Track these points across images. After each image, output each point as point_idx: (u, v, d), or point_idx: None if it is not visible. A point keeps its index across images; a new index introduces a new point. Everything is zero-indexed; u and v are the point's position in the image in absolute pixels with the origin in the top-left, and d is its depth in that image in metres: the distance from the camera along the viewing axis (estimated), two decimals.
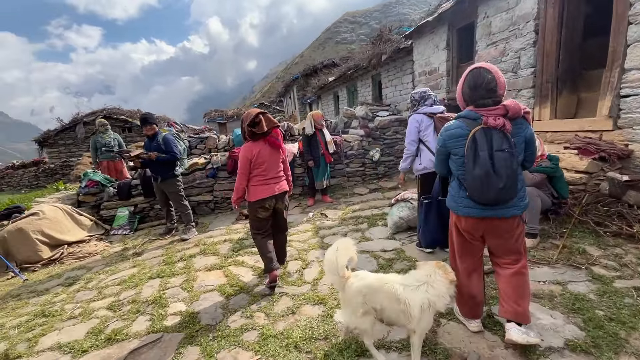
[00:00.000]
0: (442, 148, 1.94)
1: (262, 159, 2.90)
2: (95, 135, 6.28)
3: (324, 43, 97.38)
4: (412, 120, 3.18)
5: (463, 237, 1.98)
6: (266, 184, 2.94)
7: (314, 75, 19.20)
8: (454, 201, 1.93)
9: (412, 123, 3.19)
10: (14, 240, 3.94)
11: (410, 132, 3.20)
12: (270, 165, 2.95)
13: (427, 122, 3.13)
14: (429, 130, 3.13)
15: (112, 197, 5.25)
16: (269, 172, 2.95)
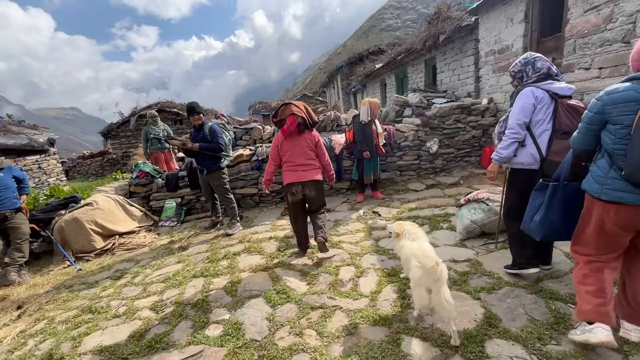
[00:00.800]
0: (597, 115, 1.60)
1: (286, 147, 3.18)
2: (146, 127, 6.40)
3: (367, 31, 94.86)
4: (528, 94, 2.22)
5: (603, 228, 1.67)
6: (294, 170, 3.18)
7: (359, 64, 18.45)
8: (600, 182, 1.62)
9: (526, 97, 2.23)
10: (70, 230, 4.02)
11: (522, 109, 2.23)
12: (296, 153, 3.16)
13: (547, 103, 2.19)
14: (546, 116, 2.19)
15: (161, 189, 5.25)
16: (296, 160, 3.16)
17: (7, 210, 3.77)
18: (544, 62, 2.25)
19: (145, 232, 4.73)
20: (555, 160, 2.05)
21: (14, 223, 3.75)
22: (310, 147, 3.20)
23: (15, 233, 3.72)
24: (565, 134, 2.08)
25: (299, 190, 3.17)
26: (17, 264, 3.62)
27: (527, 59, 2.31)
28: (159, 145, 6.27)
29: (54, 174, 10.79)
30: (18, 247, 3.66)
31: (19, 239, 3.70)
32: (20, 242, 3.69)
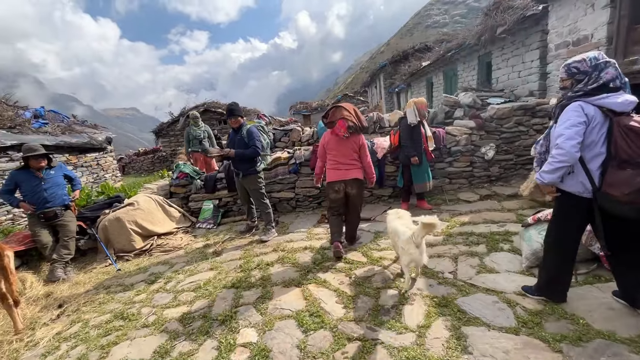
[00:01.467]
0: None
1: (331, 146, 3.36)
2: (188, 128, 6.51)
3: (412, 29, 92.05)
4: (577, 110, 1.84)
5: None
6: (337, 169, 3.35)
7: (403, 62, 17.69)
8: None
9: (576, 114, 1.84)
10: (113, 229, 4.12)
11: (574, 128, 1.82)
12: (340, 152, 3.33)
13: (599, 122, 1.82)
14: (599, 137, 1.82)
15: (199, 190, 5.26)
16: (339, 159, 3.33)
17: (57, 207, 3.94)
18: (613, 72, 1.82)
19: (183, 233, 4.74)
20: (614, 194, 1.75)
21: (63, 220, 3.90)
22: (354, 149, 3.33)
23: (64, 230, 3.87)
24: (625, 163, 1.73)
25: (341, 188, 3.33)
26: (63, 260, 3.75)
27: (598, 60, 1.85)
28: (199, 146, 6.35)
29: (110, 170, 11.60)
30: (65, 245, 3.79)
31: (66, 236, 3.84)
32: (68, 240, 3.82)
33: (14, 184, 3.77)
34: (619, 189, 1.71)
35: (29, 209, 3.73)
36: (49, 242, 3.73)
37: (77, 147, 9.89)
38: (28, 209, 3.73)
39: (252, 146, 3.98)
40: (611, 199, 1.75)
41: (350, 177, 3.31)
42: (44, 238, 3.73)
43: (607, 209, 1.80)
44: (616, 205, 1.75)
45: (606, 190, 1.78)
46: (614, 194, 1.73)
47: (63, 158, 9.40)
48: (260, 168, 4.19)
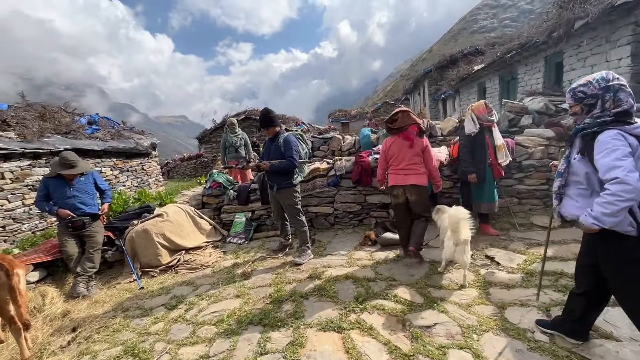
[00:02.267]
0: None
1: (393, 151, 3.31)
2: (225, 135, 6.28)
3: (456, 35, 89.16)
4: (619, 138, 1.56)
5: None
6: (396, 173, 3.30)
7: (450, 67, 16.61)
8: None
9: (621, 143, 1.55)
10: (140, 242, 3.86)
11: (624, 157, 1.52)
12: (401, 157, 3.25)
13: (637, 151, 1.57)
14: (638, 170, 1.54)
15: (232, 201, 4.92)
16: (400, 164, 3.27)
17: (85, 217, 3.77)
18: (628, 95, 1.62)
19: (212, 248, 4.39)
20: None
21: (90, 231, 3.71)
22: (416, 152, 3.22)
23: (90, 241, 3.68)
24: None
25: (401, 194, 3.26)
26: (87, 275, 3.54)
27: (608, 81, 1.65)
28: (235, 154, 6.07)
29: (153, 175, 11.94)
30: (90, 257, 3.59)
31: (92, 247, 3.63)
32: (93, 252, 3.62)
33: (47, 190, 3.66)
34: None
35: (68, 215, 3.55)
36: (74, 253, 3.54)
37: (123, 152, 10.24)
38: (67, 214, 3.56)
39: (288, 157, 3.52)
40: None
41: (409, 183, 3.21)
42: (70, 249, 3.55)
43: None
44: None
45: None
46: None
47: (110, 162, 9.76)
48: (296, 181, 3.72)
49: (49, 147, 7.76)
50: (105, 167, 9.60)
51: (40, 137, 7.90)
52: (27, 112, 8.71)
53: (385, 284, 3.01)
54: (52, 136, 8.31)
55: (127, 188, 10.33)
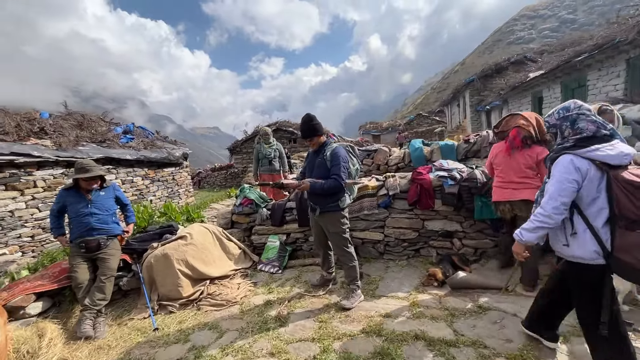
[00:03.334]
0: None
1: (498, 161, 2.98)
2: (258, 145, 5.73)
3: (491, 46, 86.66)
4: (566, 166, 1.65)
5: None
6: (502, 187, 2.94)
7: (495, 76, 15.43)
8: None
9: (563, 170, 1.66)
10: (158, 268, 3.29)
11: (560, 186, 1.66)
12: (507, 168, 2.90)
13: (595, 176, 1.61)
14: (599, 193, 1.61)
15: (265, 221, 4.28)
16: (506, 176, 2.91)
17: (101, 237, 3.27)
18: (590, 122, 1.68)
19: (241, 277, 3.74)
20: (627, 260, 1.52)
21: (104, 253, 3.19)
22: (527, 164, 2.80)
23: (103, 266, 3.15)
24: (634, 223, 1.51)
25: (507, 210, 2.93)
26: (95, 308, 2.98)
27: (568, 110, 1.75)
28: (269, 166, 5.48)
29: (183, 185, 11.74)
30: (101, 286, 3.04)
31: (104, 274, 3.10)
32: (104, 280, 3.08)
33: (63, 204, 3.20)
34: (631, 253, 1.50)
35: (64, 244, 3.14)
36: (84, 281, 3.02)
37: (155, 161, 10.08)
38: (64, 243, 3.17)
39: (335, 175, 2.82)
40: (627, 267, 1.53)
41: (518, 198, 2.81)
42: (80, 275, 3.02)
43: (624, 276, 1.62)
44: (631, 272, 1.55)
45: (619, 256, 1.55)
46: (628, 260, 1.52)
47: (142, 172, 9.61)
48: (344, 204, 3.00)
49: (82, 155, 7.63)
50: (137, 176, 9.44)
51: (75, 146, 7.81)
52: (65, 120, 8.76)
53: (473, 353, 2.17)
54: (87, 145, 8.23)
55: (157, 198, 10.14)
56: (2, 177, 5.95)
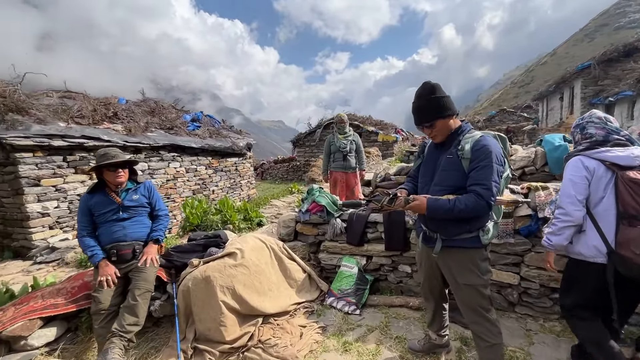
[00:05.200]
0: None
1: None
2: (330, 136, 4.63)
3: (592, 33, 74.28)
4: (576, 164, 1.80)
5: None
6: None
7: (621, 61, 12.14)
8: None
9: (574, 169, 1.80)
10: (197, 296, 2.41)
11: (572, 183, 1.77)
12: None
13: (604, 176, 1.72)
14: (606, 192, 1.71)
15: (338, 236, 3.18)
16: None
17: (136, 242, 2.51)
18: (599, 129, 1.81)
19: (305, 314, 2.71)
20: (627, 255, 1.62)
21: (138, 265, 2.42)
22: None
23: (138, 280, 2.38)
24: (634, 218, 1.62)
25: None
26: (125, 336, 2.21)
27: (581, 120, 1.92)
28: (343, 162, 4.36)
29: (246, 177, 11.38)
30: (132, 306, 2.26)
31: (138, 288, 2.32)
32: (137, 299, 2.29)
33: (89, 213, 2.48)
34: (630, 248, 1.61)
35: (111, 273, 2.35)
36: (106, 307, 2.25)
37: (219, 150, 9.78)
38: (110, 272, 2.35)
39: (479, 187, 1.59)
40: (627, 262, 1.63)
41: None
42: (103, 297, 2.26)
43: (625, 274, 1.66)
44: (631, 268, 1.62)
45: (620, 252, 1.66)
46: (628, 255, 1.62)
47: (206, 160, 9.35)
48: (489, 236, 1.73)
49: (149, 141, 7.45)
50: (201, 165, 9.19)
51: (144, 132, 7.69)
52: (138, 107, 8.80)
53: None
54: (155, 131, 8.10)
55: (219, 188, 9.85)
56: (72, 160, 5.87)
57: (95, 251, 2.40)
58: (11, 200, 5.23)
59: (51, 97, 7.06)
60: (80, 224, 2.48)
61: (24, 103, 5.60)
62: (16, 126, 5.12)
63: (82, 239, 2.45)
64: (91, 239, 2.45)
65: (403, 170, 4.62)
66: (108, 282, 2.31)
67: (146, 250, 2.52)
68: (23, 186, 5.08)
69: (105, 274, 2.33)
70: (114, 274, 2.36)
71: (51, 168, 5.47)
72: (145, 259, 2.46)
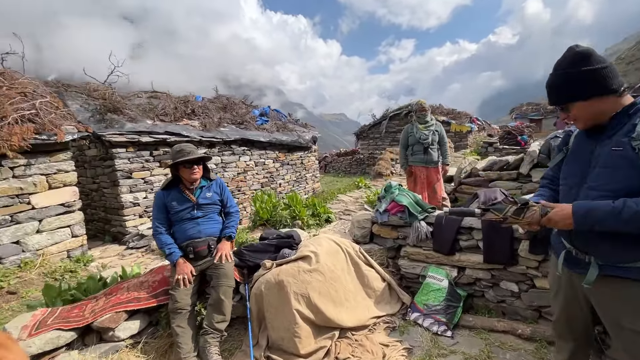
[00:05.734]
0: None
1: None
2: (408, 126, 4.14)
3: None
4: None
5: None
6: None
7: None
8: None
9: None
10: (271, 301, 2.25)
11: None
12: None
13: None
14: None
15: (423, 241, 2.75)
16: None
17: (210, 238, 2.46)
18: None
19: (386, 329, 2.37)
20: None
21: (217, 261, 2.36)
22: None
23: (217, 278, 2.32)
24: None
25: None
26: (218, 333, 2.20)
27: None
28: (424, 155, 3.85)
29: (311, 170, 11.37)
30: (218, 305, 2.23)
31: (219, 285, 2.26)
32: (221, 297, 2.24)
33: (165, 210, 2.47)
34: None
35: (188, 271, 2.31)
36: (181, 305, 2.21)
37: (286, 144, 9.87)
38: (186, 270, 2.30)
39: None
40: None
41: None
42: (180, 296, 2.22)
43: None
44: None
45: None
46: None
47: (273, 154, 9.52)
48: None
49: (222, 136, 7.80)
50: (269, 159, 9.38)
51: (218, 127, 8.07)
52: (212, 103, 9.31)
53: None
54: (227, 126, 8.46)
55: (285, 182, 9.99)
56: (157, 155, 6.36)
57: (173, 249, 2.39)
58: (110, 191, 5.86)
59: (141, 97, 7.79)
60: (157, 220, 2.48)
61: (119, 104, 6.20)
62: (113, 124, 5.69)
63: (159, 236, 2.45)
64: (168, 237, 2.44)
65: (495, 165, 3.93)
66: (184, 281, 2.27)
67: (220, 247, 2.44)
68: (118, 178, 5.63)
69: (182, 273, 2.29)
70: (190, 273, 2.32)
71: (140, 162, 5.97)
72: (220, 254, 2.38)
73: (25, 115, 3.97)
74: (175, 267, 2.33)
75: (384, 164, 9.27)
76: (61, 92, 5.88)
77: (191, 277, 2.31)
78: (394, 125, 20.24)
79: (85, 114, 5.64)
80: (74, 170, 4.64)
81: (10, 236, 3.94)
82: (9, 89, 4.27)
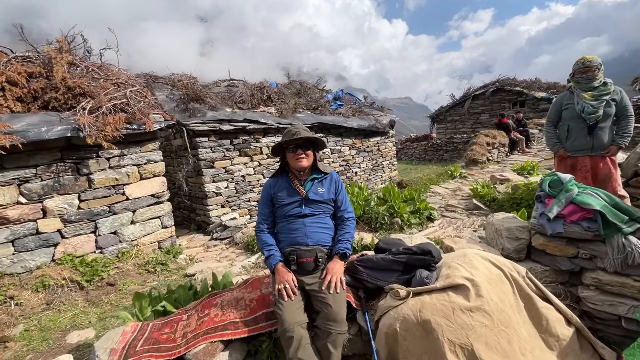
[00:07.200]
0: None
1: None
2: (559, 97, 2.99)
3: None
4: None
5: None
6: None
7: None
8: None
9: None
10: (411, 348, 1.56)
11: None
12: None
13: None
14: None
15: (632, 267, 1.78)
16: None
17: (318, 248, 1.89)
18: None
19: None
20: None
21: (322, 282, 1.78)
22: None
23: (326, 320, 1.69)
24: None
25: None
26: None
27: None
28: (586, 139, 2.67)
29: (388, 157, 10.48)
30: (324, 353, 1.63)
31: (328, 338, 1.66)
32: (330, 348, 1.63)
33: (271, 204, 2.01)
34: None
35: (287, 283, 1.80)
36: (293, 332, 1.66)
37: (362, 130, 9.13)
38: (287, 282, 1.80)
39: None
40: None
41: None
42: (288, 315, 1.67)
43: None
44: None
45: None
46: None
47: (349, 141, 8.86)
48: None
49: (299, 122, 7.38)
50: (345, 146, 8.75)
51: (294, 113, 7.68)
52: (287, 89, 8.95)
53: None
54: (303, 112, 8.04)
55: (362, 170, 9.29)
56: (237, 143, 6.18)
57: (273, 251, 1.93)
58: (194, 180, 5.84)
59: (219, 86, 7.75)
60: (261, 215, 2.04)
61: (200, 92, 6.11)
62: (195, 114, 5.58)
63: (261, 235, 2.02)
64: (270, 236, 2.00)
65: None
66: (288, 292, 1.74)
67: (330, 268, 1.83)
68: (202, 168, 5.54)
69: (284, 281, 1.77)
70: (292, 282, 1.78)
71: (221, 151, 5.82)
72: (329, 280, 1.77)
73: (117, 104, 3.92)
74: (274, 275, 1.84)
75: (479, 149, 7.90)
76: (149, 83, 5.99)
77: (294, 288, 1.77)
78: (477, 106, 17.96)
79: (171, 104, 5.64)
80: (162, 160, 4.58)
81: (108, 227, 3.98)
82: (105, 81, 4.30)
